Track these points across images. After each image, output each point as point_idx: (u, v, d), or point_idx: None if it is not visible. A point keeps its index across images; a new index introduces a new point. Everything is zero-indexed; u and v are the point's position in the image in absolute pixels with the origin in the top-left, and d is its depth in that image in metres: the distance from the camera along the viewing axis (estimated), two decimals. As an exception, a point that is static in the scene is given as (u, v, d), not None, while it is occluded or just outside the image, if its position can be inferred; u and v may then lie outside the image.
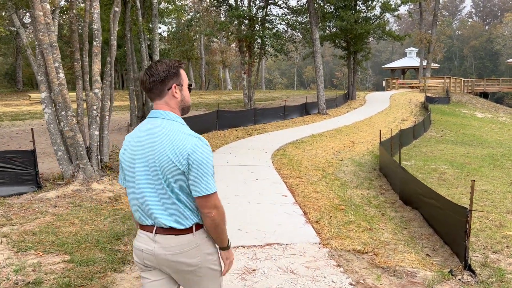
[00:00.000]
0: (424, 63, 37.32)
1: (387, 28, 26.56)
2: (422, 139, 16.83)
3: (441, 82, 36.67)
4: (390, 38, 26.14)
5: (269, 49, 22.48)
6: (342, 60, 29.58)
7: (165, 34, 48.67)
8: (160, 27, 47.71)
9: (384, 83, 41.16)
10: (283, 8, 22.18)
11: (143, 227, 1.90)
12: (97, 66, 6.54)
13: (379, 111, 23.29)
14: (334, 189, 7.23)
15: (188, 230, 1.86)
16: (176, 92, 1.90)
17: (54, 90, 6.28)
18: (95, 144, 6.76)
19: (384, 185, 8.10)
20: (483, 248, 4.75)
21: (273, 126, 16.66)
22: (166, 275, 1.95)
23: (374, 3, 25.41)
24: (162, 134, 1.82)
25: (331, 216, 5.47)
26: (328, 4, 24.59)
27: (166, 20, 47.03)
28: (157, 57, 12.54)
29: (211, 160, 1.87)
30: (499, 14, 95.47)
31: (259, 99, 26.20)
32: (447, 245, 4.68)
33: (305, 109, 20.63)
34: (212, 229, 1.89)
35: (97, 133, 6.80)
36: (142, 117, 13.77)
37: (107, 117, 7.26)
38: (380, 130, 10.35)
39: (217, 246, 1.99)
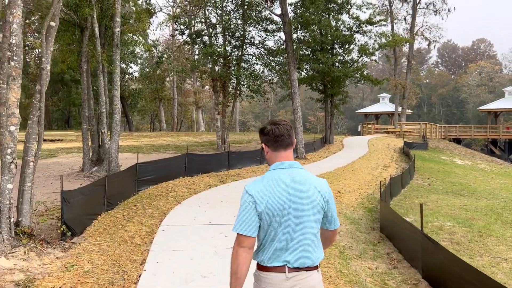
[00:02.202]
0: (399, 109, 37.13)
1: (365, 72, 25.97)
2: (410, 188, 15.48)
3: (417, 128, 36.41)
4: (368, 82, 25.49)
5: (245, 90, 21.22)
6: (318, 103, 28.73)
7: (136, 74, 47.30)
8: (131, 67, 46.41)
9: (359, 128, 40.67)
10: (260, 49, 21.18)
11: (272, 269, 2.12)
12: (14, 95, 4.77)
13: (359, 156, 22.07)
14: (334, 261, 5.51)
15: (317, 267, 2.17)
16: (295, 142, 2.32)
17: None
18: (7, 202, 4.87)
19: (392, 252, 6.44)
20: None
21: (249, 172, 14.96)
22: None
23: (351, 47, 24.89)
24: (308, 183, 2.16)
25: (342, 316, 3.72)
26: (305, 47, 23.90)
27: (139, 60, 45.97)
28: (117, 92, 10.84)
29: None
30: (463, 64, 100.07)
31: (233, 141, 24.62)
32: None
33: (283, 154, 19.13)
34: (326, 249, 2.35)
35: (10, 186, 4.92)
36: (97, 160, 11.83)
37: (31, 164, 5.41)
38: (381, 182, 8.86)
39: None
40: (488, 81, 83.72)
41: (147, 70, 43.20)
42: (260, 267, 2.18)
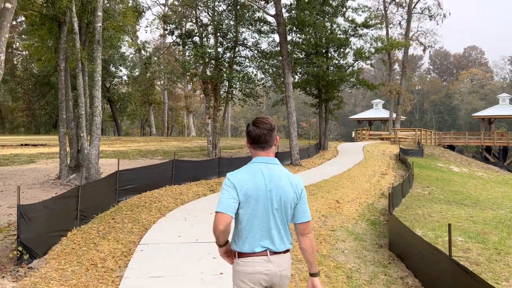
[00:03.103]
0: (394, 115, 36.54)
1: (360, 77, 25.29)
2: (410, 197, 14.71)
3: (412, 134, 35.86)
4: (364, 86, 24.80)
5: (237, 93, 20.37)
6: (313, 108, 28.00)
7: (125, 78, 46.26)
8: (121, 70, 45.41)
9: (353, 134, 40.03)
10: (253, 51, 20.35)
11: (254, 254, 2.34)
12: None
13: (355, 163, 21.30)
14: (342, 291, 4.64)
15: (289, 251, 2.44)
16: (277, 142, 2.49)
17: None
18: None
19: (407, 276, 5.59)
20: None
21: (241, 180, 14.09)
22: None
23: (347, 50, 24.22)
24: (284, 176, 2.41)
25: None
26: (299, 50, 23.19)
27: (128, 63, 44.96)
28: (98, 93, 9.91)
29: None
30: (454, 71, 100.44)
31: (224, 147, 23.72)
32: None
33: (276, 160, 18.24)
34: (311, 250, 2.45)
35: None
36: (75, 167, 10.85)
37: (-22, 173, 4.48)
38: (390, 194, 7.99)
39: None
40: (479, 88, 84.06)
41: (137, 73, 42.18)
42: (242, 255, 2.36)
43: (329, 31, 22.59)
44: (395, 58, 37.15)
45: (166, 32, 18.33)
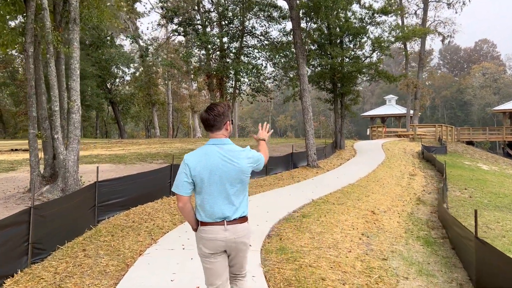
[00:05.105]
0: (411, 111, 34.25)
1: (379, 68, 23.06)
2: (451, 202, 12.54)
3: (432, 131, 33.57)
4: (384, 79, 22.59)
5: (245, 88, 18.33)
6: (326, 104, 25.89)
7: (127, 78, 44.43)
8: (123, 71, 43.54)
9: (368, 131, 37.79)
10: (262, 41, 18.27)
11: (213, 223, 2.69)
12: None
13: (378, 163, 19.13)
14: None
15: (246, 219, 2.81)
16: (228, 126, 2.80)
17: None
18: None
19: None
20: None
21: (252, 186, 11.98)
22: (223, 255, 2.78)
23: (364, 39, 22.03)
24: (237, 151, 2.74)
25: None
26: (311, 41, 21.09)
27: (132, 64, 43.14)
28: (75, 83, 7.88)
29: None
30: (465, 66, 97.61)
31: (232, 149, 21.62)
32: None
33: (291, 161, 16.18)
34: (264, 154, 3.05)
35: None
36: (51, 176, 8.82)
37: None
38: (476, 211, 5.89)
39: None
40: (492, 82, 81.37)
41: (138, 70, 40.30)
42: (204, 224, 2.72)
43: (343, 19, 20.48)
44: (411, 50, 34.93)
45: (165, 19, 16.28)
